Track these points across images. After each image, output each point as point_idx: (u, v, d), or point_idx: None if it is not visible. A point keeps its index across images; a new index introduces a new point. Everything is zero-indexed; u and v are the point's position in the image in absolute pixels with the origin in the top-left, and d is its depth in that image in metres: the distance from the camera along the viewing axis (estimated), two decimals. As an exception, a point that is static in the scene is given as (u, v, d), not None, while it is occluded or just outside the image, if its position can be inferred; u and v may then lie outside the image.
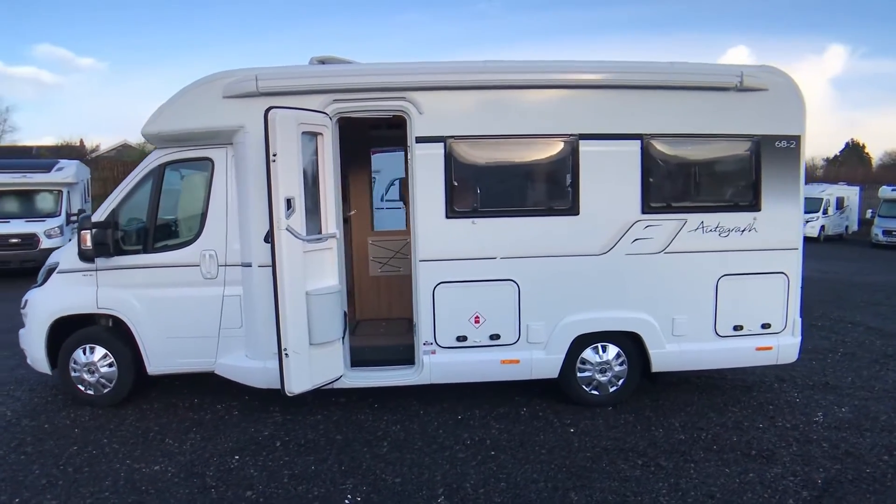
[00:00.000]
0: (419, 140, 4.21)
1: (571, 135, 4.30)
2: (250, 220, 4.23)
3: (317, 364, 4.12)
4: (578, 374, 4.54)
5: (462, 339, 4.36)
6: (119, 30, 63.21)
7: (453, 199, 4.26)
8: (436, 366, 4.38)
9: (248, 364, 4.41)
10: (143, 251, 4.47)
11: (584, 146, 4.31)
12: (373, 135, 5.88)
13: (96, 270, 4.45)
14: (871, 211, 20.16)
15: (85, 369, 4.58)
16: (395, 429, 4.20)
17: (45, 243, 10.57)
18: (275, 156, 3.77)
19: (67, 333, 4.59)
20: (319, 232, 4.20)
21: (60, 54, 58.73)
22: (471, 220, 4.29)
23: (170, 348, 4.49)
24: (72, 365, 4.58)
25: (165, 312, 4.44)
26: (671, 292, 4.47)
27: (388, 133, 5.55)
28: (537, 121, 4.30)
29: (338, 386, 4.37)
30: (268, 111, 3.76)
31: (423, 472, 3.56)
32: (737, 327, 4.52)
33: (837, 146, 52.01)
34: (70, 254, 4.51)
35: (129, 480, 3.49)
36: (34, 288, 4.74)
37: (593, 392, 4.58)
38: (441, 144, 4.21)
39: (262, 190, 3.90)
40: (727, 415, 4.42)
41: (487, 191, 4.38)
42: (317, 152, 4.15)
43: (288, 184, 3.85)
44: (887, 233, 18.17)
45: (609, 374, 4.55)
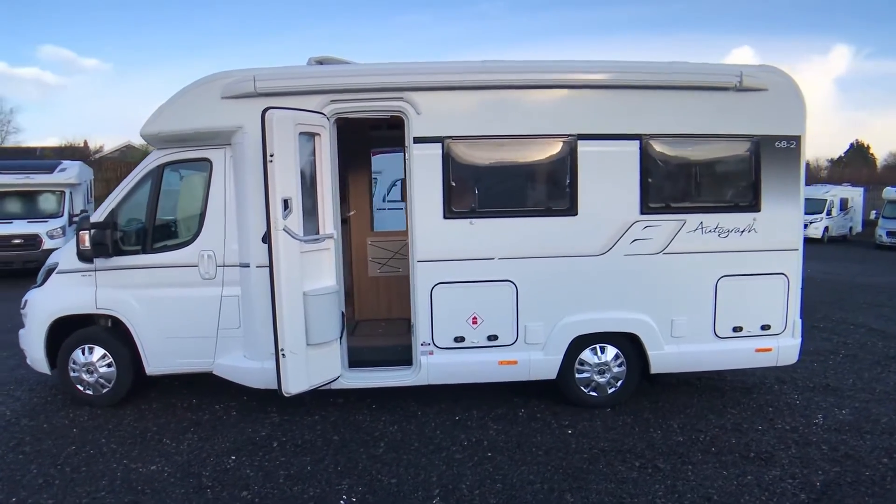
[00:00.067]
0: (417, 140, 4.21)
1: (570, 135, 4.29)
2: (248, 221, 4.23)
3: (314, 364, 4.12)
4: (577, 376, 4.53)
5: (460, 339, 4.36)
6: (123, 30, 63.62)
7: (451, 200, 4.26)
8: (433, 366, 4.37)
9: (246, 364, 4.41)
10: (142, 252, 4.48)
11: (583, 146, 4.30)
12: (373, 135, 5.88)
13: (95, 271, 4.47)
14: (875, 212, 20.06)
15: (84, 369, 4.59)
16: (392, 429, 4.20)
17: (48, 244, 10.62)
18: (272, 156, 3.77)
19: (67, 333, 4.60)
20: (317, 232, 4.20)
21: (64, 55, 59.13)
22: (469, 220, 4.29)
23: (168, 348, 4.50)
24: (71, 365, 4.59)
25: (164, 313, 4.45)
26: (670, 293, 4.45)
27: (388, 133, 5.54)
28: (536, 121, 4.29)
29: (335, 386, 4.36)
30: (265, 112, 3.77)
31: (420, 472, 3.55)
32: (736, 328, 4.50)
33: (842, 147, 51.83)
34: (69, 254, 4.52)
35: (126, 480, 3.49)
36: (34, 288, 4.76)
37: (592, 393, 4.57)
38: (439, 145, 4.21)
39: (261, 190, 3.91)
40: (726, 416, 4.39)
41: (485, 191, 4.37)
42: (314, 153, 4.15)
43: (285, 184, 3.85)
44: (891, 234, 18.05)
45: (607, 375, 4.54)
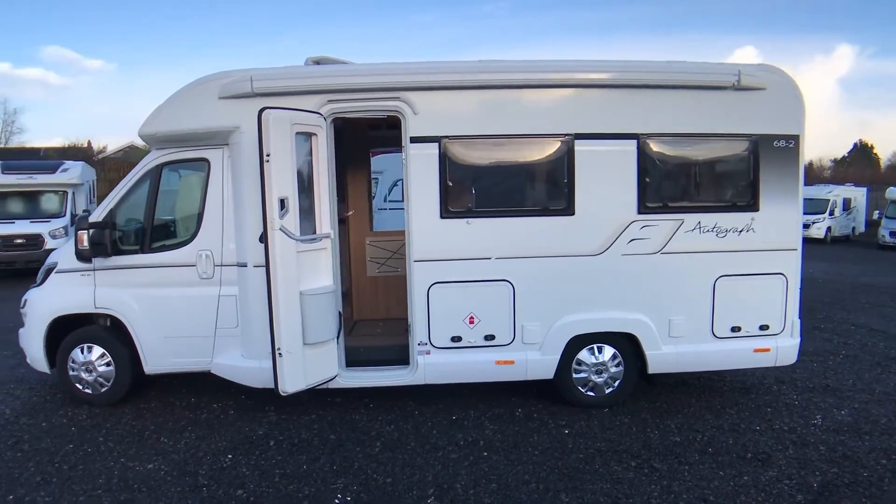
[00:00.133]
0: (414, 140, 4.21)
1: (567, 134, 4.29)
2: (246, 221, 4.25)
3: (311, 364, 4.13)
4: (574, 376, 4.52)
5: (457, 339, 4.36)
6: (126, 31, 63.83)
7: (448, 200, 4.26)
8: (430, 366, 4.37)
9: (244, 364, 4.42)
10: (141, 251, 4.50)
11: (580, 146, 4.29)
12: (372, 135, 5.88)
13: (94, 270, 4.49)
14: (878, 212, 19.93)
15: (83, 368, 4.61)
16: (388, 429, 4.20)
17: (50, 244, 10.67)
18: (268, 156, 3.78)
19: (66, 333, 4.63)
20: (314, 232, 4.21)
21: (68, 56, 59.42)
22: (465, 220, 4.29)
23: (166, 348, 4.51)
24: (70, 364, 4.61)
25: (162, 312, 4.46)
26: (668, 293, 4.43)
27: (387, 133, 5.54)
28: (532, 120, 4.28)
29: (333, 386, 4.37)
30: (261, 112, 3.77)
31: (415, 472, 3.55)
32: (734, 328, 4.48)
33: (846, 147, 51.61)
34: (68, 254, 4.55)
35: (123, 479, 3.51)
36: (33, 288, 4.79)
37: (589, 393, 4.56)
38: (436, 144, 4.21)
39: (258, 190, 3.91)
40: (724, 417, 4.38)
41: (482, 191, 4.37)
42: (311, 153, 4.16)
43: (281, 184, 3.86)
44: (894, 234, 17.94)
45: (605, 375, 4.53)
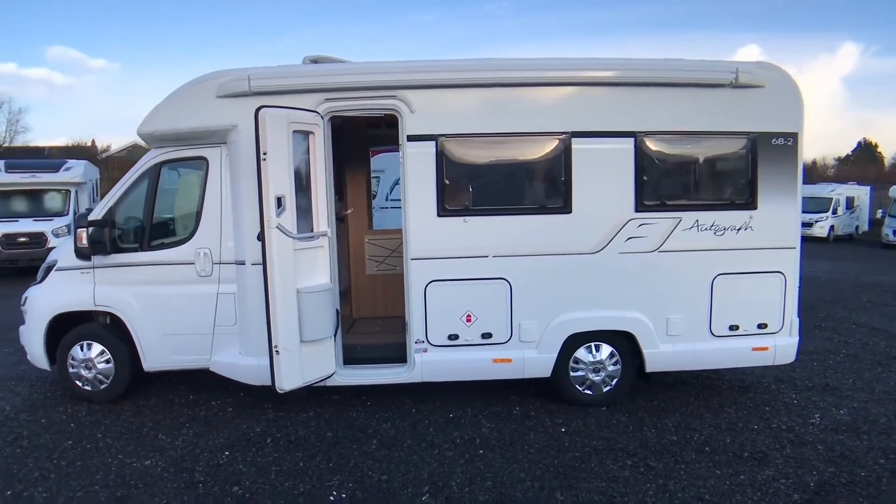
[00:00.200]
0: (411, 138, 4.22)
1: (564, 132, 4.28)
2: (244, 219, 4.26)
3: (308, 361, 4.14)
4: (571, 374, 4.51)
5: (454, 337, 4.36)
6: (130, 31, 64.01)
7: (445, 198, 4.26)
8: (427, 364, 4.37)
9: (242, 361, 4.44)
10: (140, 249, 4.52)
11: (577, 144, 4.28)
12: (372, 134, 5.89)
13: (93, 268, 4.51)
14: (881, 211, 19.79)
15: (82, 365, 4.64)
16: (385, 426, 4.21)
17: (53, 242, 10.72)
18: (265, 154, 3.79)
19: (66, 330, 4.65)
20: (311, 230, 4.22)
21: (73, 56, 59.61)
22: (462, 218, 4.29)
23: (165, 345, 4.53)
24: (69, 361, 4.64)
25: (161, 310, 4.49)
26: (666, 291, 4.42)
27: (387, 132, 5.54)
28: (529, 118, 4.27)
29: (330, 383, 4.38)
30: (258, 110, 3.78)
31: (410, 469, 3.56)
32: (733, 327, 4.47)
33: (850, 145, 51.32)
34: (68, 252, 4.57)
35: (120, 475, 3.53)
36: (34, 285, 4.82)
37: (587, 391, 4.55)
38: (433, 143, 4.21)
39: (256, 188, 3.92)
40: (722, 416, 4.36)
41: (479, 189, 4.37)
42: (309, 151, 4.17)
43: (278, 182, 3.87)
44: (898, 233, 17.82)
45: (602, 373, 4.52)
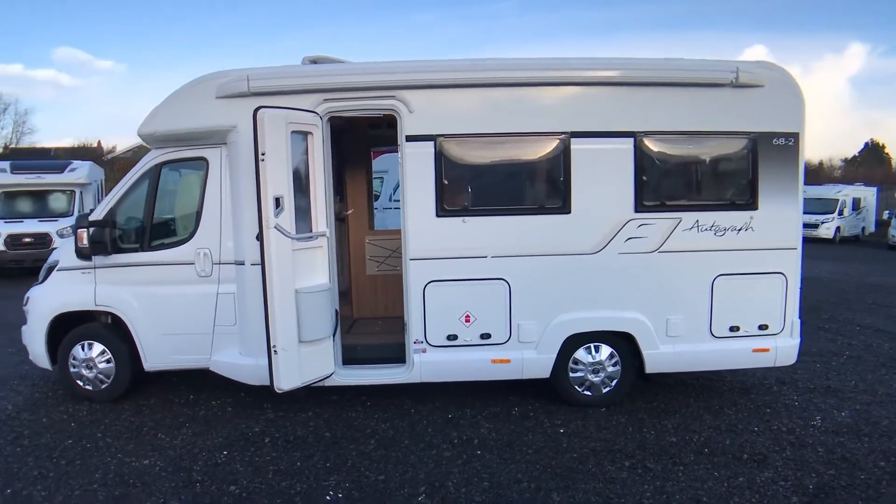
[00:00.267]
0: (409, 139, 4.22)
1: (563, 132, 4.27)
2: (243, 219, 4.27)
3: (307, 361, 4.15)
4: (571, 375, 4.50)
5: (453, 337, 4.35)
6: (138, 32, 64.50)
7: (444, 198, 4.26)
8: (426, 364, 4.37)
9: (242, 361, 4.45)
10: (140, 249, 4.54)
11: (576, 144, 4.27)
12: (373, 134, 5.89)
13: (94, 268, 4.54)
14: (888, 212, 19.67)
15: (83, 365, 4.67)
16: (384, 426, 4.21)
17: (58, 243, 10.77)
18: (263, 155, 3.81)
19: (68, 330, 4.68)
20: (310, 231, 4.23)
21: (80, 57, 60.14)
22: (461, 218, 4.28)
23: (165, 345, 4.55)
24: (71, 361, 4.67)
25: (161, 310, 4.51)
26: (665, 292, 4.40)
27: (388, 132, 5.55)
28: (528, 119, 4.27)
29: (329, 383, 4.38)
30: (256, 111, 3.80)
31: (407, 470, 3.56)
32: (733, 328, 4.44)
33: (856, 146, 50.99)
34: (69, 252, 4.60)
35: (119, 474, 3.55)
36: (36, 285, 4.85)
37: (586, 392, 4.54)
38: (431, 143, 4.21)
39: (255, 189, 3.94)
40: (722, 417, 4.34)
41: (478, 189, 4.36)
42: (307, 151, 4.18)
43: (276, 183, 3.88)
44: (905, 234, 17.68)
45: (602, 374, 4.50)
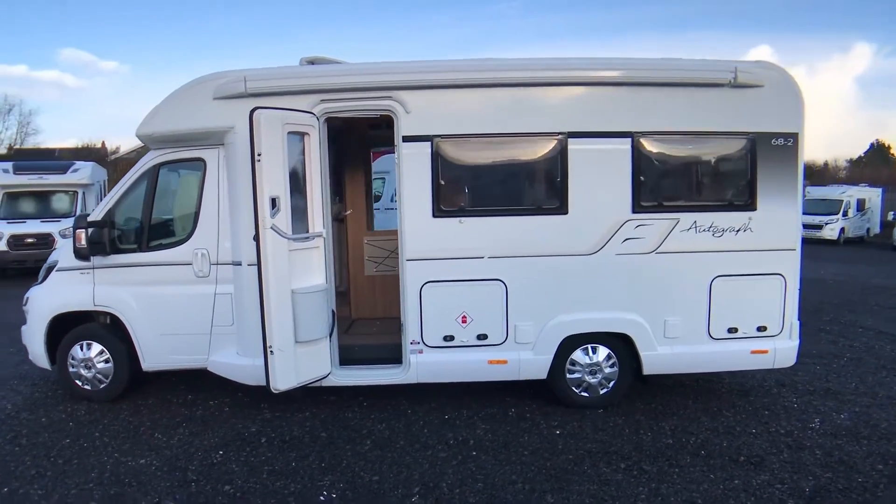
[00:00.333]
0: (406, 139, 4.22)
1: (560, 133, 4.26)
2: (240, 220, 4.28)
3: (303, 362, 4.16)
4: (568, 376, 4.49)
5: (449, 338, 4.35)
6: (142, 33, 64.90)
7: (440, 198, 4.26)
8: (423, 365, 4.37)
9: (239, 361, 4.46)
10: (138, 250, 4.56)
11: (573, 144, 4.26)
12: (372, 134, 5.90)
13: (93, 268, 4.56)
14: (893, 213, 19.53)
15: (82, 365, 4.69)
16: (380, 427, 4.21)
17: (60, 243, 10.85)
18: (259, 155, 3.82)
19: (67, 330, 4.71)
20: (307, 231, 4.23)
21: (84, 58, 60.57)
22: (458, 219, 4.28)
23: (164, 345, 4.57)
24: (69, 361, 4.69)
25: (159, 310, 4.52)
26: (663, 293, 4.38)
27: (388, 133, 5.54)
28: (525, 119, 4.26)
29: (326, 384, 4.39)
30: (252, 111, 3.81)
31: (402, 470, 3.55)
32: (731, 330, 4.41)
33: (862, 147, 50.71)
34: (68, 252, 4.63)
35: (115, 473, 3.56)
36: (35, 285, 4.88)
37: (583, 394, 4.52)
38: (428, 143, 4.21)
39: (251, 189, 3.95)
40: (720, 419, 4.31)
41: (475, 190, 4.36)
42: (304, 152, 4.19)
43: (273, 183, 3.90)
44: (910, 235, 17.54)
45: (599, 375, 4.49)
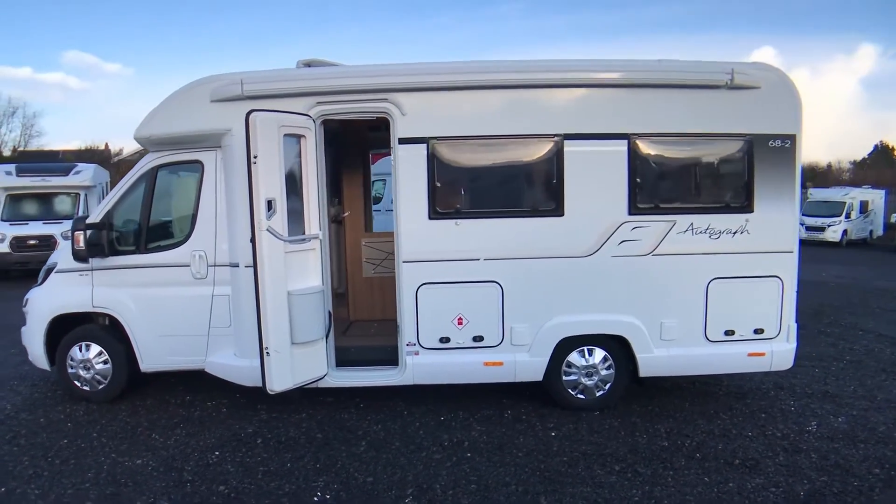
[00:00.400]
0: (402, 141, 4.24)
1: (556, 135, 4.27)
2: (237, 221, 4.30)
3: (299, 363, 4.17)
4: (564, 378, 4.48)
5: (445, 340, 4.36)
6: (145, 35, 65.35)
7: (436, 200, 4.26)
8: (419, 367, 4.38)
9: (237, 362, 4.48)
10: (137, 252, 4.59)
11: (569, 146, 4.26)
12: (371, 136, 5.91)
13: (92, 270, 4.59)
14: (896, 215, 19.41)
15: (81, 366, 4.72)
16: (375, 428, 4.22)
17: (62, 245, 10.90)
18: (255, 158, 3.84)
19: (66, 331, 4.73)
20: (303, 233, 4.25)
21: (88, 60, 61.15)
22: (454, 221, 4.29)
23: (162, 346, 4.59)
24: (69, 362, 4.72)
25: (157, 311, 4.55)
26: (659, 295, 4.37)
27: (387, 135, 5.57)
28: (521, 121, 4.27)
29: (322, 385, 4.40)
30: (248, 114, 3.83)
31: (396, 471, 3.56)
32: (728, 332, 4.40)
33: (866, 148, 50.50)
34: (67, 254, 4.66)
35: (111, 473, 3.58)
36: (35, 287, 4.92)
37: (579, 396, 4.52)
38: (424, 145, 4.22)
39: (248, 191, 3.96)
40: (716, 422, 4.30)
41: (471, 192, 4.38)
42: (300, 154, 4.21)
43: (269, 185, 3.91)
44: (914, 237, 17.44)
45: (595, 377, 4.48)
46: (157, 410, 4.62)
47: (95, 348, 4.71)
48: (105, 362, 4.72)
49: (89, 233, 4.46)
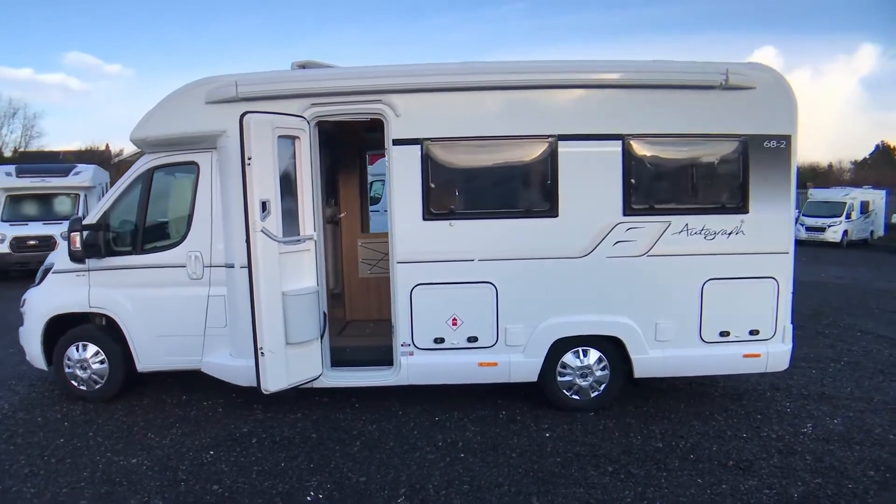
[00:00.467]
0: (396, 142, 4.24)
1: (550, 136, 4.27)
2: (233, 222, 4.32)
3: (294, 363, 4.18)
4: (559, 379, 4.48)
5: (440, 340, 4.36)
6: (146, 36, 65.56)
7: (430, 201, 4.27)
8: (413, 367, 4.38)
9: (232, 362, 4.49)
10: (133, 252, 4.61)
11: (564, 147, 4.27)
12: (368, 137, 5.92)
13: (88, 271, 4.62)
14: (898, 215, 19.34)
15: (78, 366, 4.74)
16: (370, 428, 4.23)
17: (60, 245, 10.93)
18: (249, 159, 3.85)
19: (63, 331, 4.76)
20: (298, 234, 4.26)
21: (89, 61, 61.34)
22: (448, 221, 4.30)
23: (158, 346, 4.61)
24: (66, 361, 4.75)
25: (153, 312, 4.57)
26: (654, 296, 4.37)
27: (383, 136, 5.57)
28: (515, 122, 4.27)
29: (318, 385, 4.41)
30: (242, 116, 3.85)
31: (390, 471, 3.57)
32: (723, 333, 4.40)
33: (867, 149, 50.36)
34: (64, 255, 4.68)
35: (106, 472, 3.60)
36: (32, 287, 4.94)
37: (574, 397, 4.52)
38: (418, 147, 4.23)
39: (242, 192, 3.98)
40: (711, 423, 4.30)
41: (465, 193, 4.39)
42: (295, 156, 4.22)
43: (263, 187, 3.93)
44: (916, 238, 17.38)
45: (590, 378, 4.48)
46: (154, 410, 4.64)
47: (92, 348, 4.73)
48: (102, 362, 4.74)
49: (86, 234, 4.49)
